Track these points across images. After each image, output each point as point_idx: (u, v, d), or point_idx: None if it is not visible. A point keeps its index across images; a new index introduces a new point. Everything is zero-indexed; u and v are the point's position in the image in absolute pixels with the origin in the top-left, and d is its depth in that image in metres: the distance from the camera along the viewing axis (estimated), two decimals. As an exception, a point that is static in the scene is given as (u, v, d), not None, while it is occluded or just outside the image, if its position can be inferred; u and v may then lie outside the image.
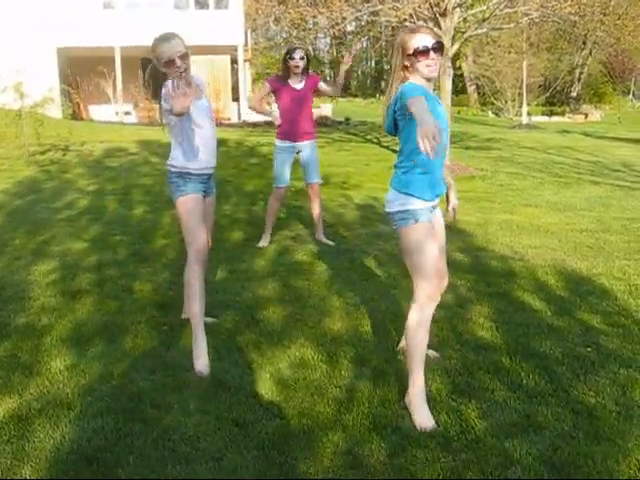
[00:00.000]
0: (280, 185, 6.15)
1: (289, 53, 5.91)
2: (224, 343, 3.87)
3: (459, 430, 2.93)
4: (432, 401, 3.17)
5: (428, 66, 3.06)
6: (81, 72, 20.80)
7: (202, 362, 3.56)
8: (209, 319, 4.19)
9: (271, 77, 6.34)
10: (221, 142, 14.02)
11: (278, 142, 6.11)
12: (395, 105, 3.08)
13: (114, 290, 4.81)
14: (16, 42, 19.38)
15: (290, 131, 6.02)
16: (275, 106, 6.23)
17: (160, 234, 6.43)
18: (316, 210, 6.31)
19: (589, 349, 3.77)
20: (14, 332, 3.99)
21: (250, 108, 6.88)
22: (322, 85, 6.17)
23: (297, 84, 5.97)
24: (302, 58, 5.85)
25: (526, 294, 4.73)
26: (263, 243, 6.10)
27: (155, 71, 3.82)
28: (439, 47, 3.07)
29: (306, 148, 6.12)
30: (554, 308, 4.45)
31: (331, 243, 6.16)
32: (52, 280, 5.00)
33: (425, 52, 3.04)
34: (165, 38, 3.62)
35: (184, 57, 3.61)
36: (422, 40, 3.04)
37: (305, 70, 5.94)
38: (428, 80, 3.14)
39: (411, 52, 3.05)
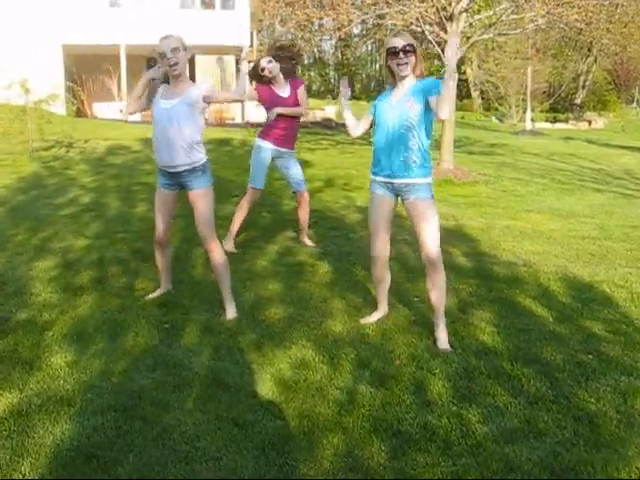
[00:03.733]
0: (258, 187, 5.94)
1: (258, 61, 5.64)
2: (225, 342, 3.86)
3: (460, 434, 2.92)
4: (433, 405, 3.17)
5: (398, 65, 3.60)
6: (86, 70, 20.83)
7: None
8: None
9: (259, 86, 5.78)
10: (225, 142, 14.12)
11: (263, 142, 5.85)
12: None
13: (115, 287, 4.81)
14: (22, 39, 19.39)
15: (280, 136, 5.81)
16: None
17: (162, 232, 6.41)
18: (303, 215, 6.20)
19: (590, 356, 3.77)
20: (15, 327, 3.99)
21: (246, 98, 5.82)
22: (300, 92, 5.82)
23: (282, 91, 5.74)
24: (270, 62, 5.59)
25: (528, 300, 4.72)
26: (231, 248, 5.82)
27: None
28: (406, 49, 3.57)
29: (290, 157, 5.97)
30: (556, 314, 4.45)
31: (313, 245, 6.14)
32: (54, 276, 5.00)
33: (394, 53, 3.59)
34: (164, 36, 4.06)
35: (175, 50, 3.99)
36: (393, 43, 3.60)
37: (289, 74, 5.71)
38: (402, 79, 3.68)
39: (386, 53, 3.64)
